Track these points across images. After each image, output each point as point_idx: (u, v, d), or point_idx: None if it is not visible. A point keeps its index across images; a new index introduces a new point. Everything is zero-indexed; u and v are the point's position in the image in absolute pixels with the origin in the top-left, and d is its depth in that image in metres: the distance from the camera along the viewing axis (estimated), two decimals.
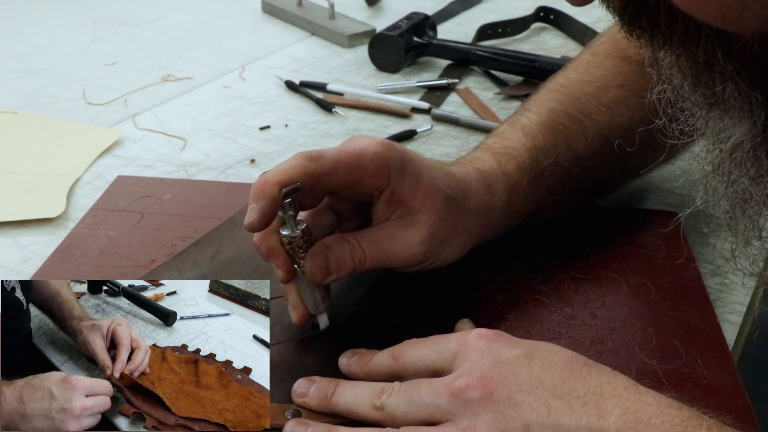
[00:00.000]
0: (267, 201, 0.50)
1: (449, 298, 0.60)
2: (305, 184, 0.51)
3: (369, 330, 0.57)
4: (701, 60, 0.37)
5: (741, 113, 0.39)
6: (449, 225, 0.56)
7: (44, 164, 0.82)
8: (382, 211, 0.55)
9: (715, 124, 0.42)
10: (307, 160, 0.51)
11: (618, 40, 0.70)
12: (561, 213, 0.67)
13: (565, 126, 0.65)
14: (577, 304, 0.59)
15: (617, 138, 0.65)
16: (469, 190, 0.59)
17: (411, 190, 0.54)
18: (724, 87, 0.38)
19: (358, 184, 0.53)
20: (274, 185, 0.50)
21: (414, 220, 0.54)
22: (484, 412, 0.44)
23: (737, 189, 0.44)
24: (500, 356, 0.46)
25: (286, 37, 1.19)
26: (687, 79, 0.40)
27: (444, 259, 0.57)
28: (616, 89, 0.67)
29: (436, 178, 0.56)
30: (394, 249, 0.54)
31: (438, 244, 0.55)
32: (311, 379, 0.51)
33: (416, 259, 0.55)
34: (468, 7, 1.29)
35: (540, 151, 0.63)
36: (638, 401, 0.43)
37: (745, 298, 0.62)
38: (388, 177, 0.54)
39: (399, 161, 0.54)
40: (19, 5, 1.31)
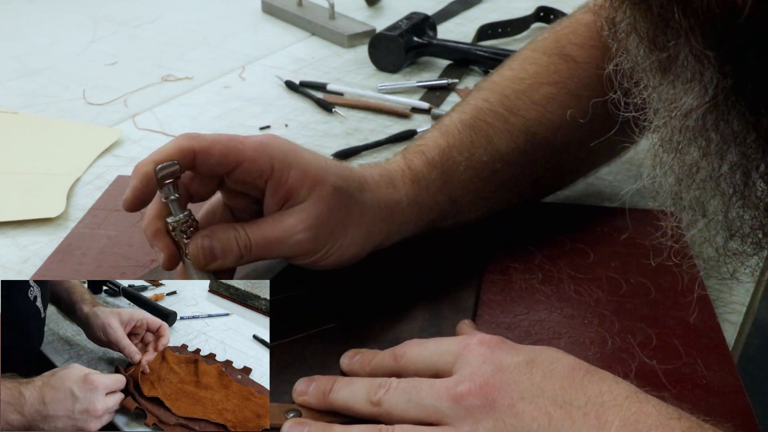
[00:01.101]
0: (139, 178, 0.51)
1: (449, 299, 0.60)
2: (182, 163, 0.51)
3: (369, 330, 0.56)
4: (656, 13, 0.37)
5: (693, 77, 0.39)
6: (340, 215, 0.55)
7: (44, 164, 0.82)
8: (271, 203, 0.54)
9: (667, 92, 0.42)
10: (183, 138, 0.52)
11: (560, 37, 0.69)
12: (494, 211, 0.65)
13: (488, 123, 0.64)
14: (577, 304, 0.59)
15: (547, 135, 0.65)
16: (367, 183, 0.58)
17: (297, 179, 0.54)
18: (678, 44, 0.38)
19: (239, 170, 0.53)
20: (147, 163, 0.51)
21: (300, 207, 0.54)
22: (485, 419, 0.44)
23: (684, 160, 0.43)
24: (502, 363, 0.46)
25: (286, 37, 1.19)
26: (643, 42, 0.40)
27: (341, 251, 0.56)
28: (548, 86, 0.66)
29: (326, 169, 0.55)
30: (278, 235, 0.53)
31: (327, 233, 0.55)
32: (312, 378, 0.51)
33: (303, 247, 0.54)
34: (468, 7, 1.29)
35: (453, 147, 0.62)
36: (639, 411, 0.43)
37: (745, 298, 0.62)
38: (270, 165, 0.53)
39: (281, 150, 0.54)
40: (19, 5, 1.31)
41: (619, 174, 0.79)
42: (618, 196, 0.74)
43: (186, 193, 0.54)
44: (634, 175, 0.79)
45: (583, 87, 0.66)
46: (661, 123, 0.44)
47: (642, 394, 0.44)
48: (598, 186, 0.77)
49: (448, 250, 0.64)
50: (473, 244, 0.65)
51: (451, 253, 0.64)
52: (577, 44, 0.67)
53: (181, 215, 0.52)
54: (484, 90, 0.67)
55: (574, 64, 0.66)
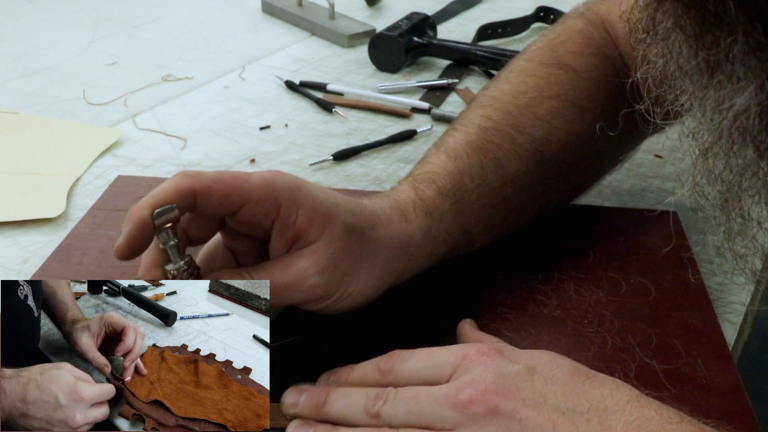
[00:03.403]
0: (135, 223, 0.46)
1: (449, 299, 0.60)
2: (181, 205, 0.47)
3: (369, 330, 0.56)
4: (710, 10, 0.35)
5: (746, 75, 0.37)
6: (354, 255, 0.51)
7: (44, 164, 0.82)
8: (278, 246, 0.50)
9: (714, 94, 0.40)
10: (181, 177, 0.47)
11: (555, 46, 0.67)
12: (500, 237, 0.63)
13: (496, 144, 0.61)
14: (577, 304, 0.59)
15: (555, 153, 0.63)
16: (379, 218, 0.54)
17: (306, 219, 0.49)
18: (733, 41, 0.36)
19: (244, 211, 0.49)
20: (144, 207, 0.46)
21: (311, 249, 0.50)
22: (489, 426, 0.43)
23: (738, 163, 0.42)
24: (503, 371, 0.45)
25: (286, 37, 1.19)
26: (689, 40, 0.38)
27: (355, 294, 0.52)
28: (551, 100, 0.63)
29: (336, 206, 0.51)
30: (288, 281, 0.49)
31: (341, 275, 0.51)
32: (300, 389, 0.49)
33: (317, 292, 0.50)
34: (468, 7, 1.30)
35: (464, 174, 0.59)
36: (641, 416, 0.42)
37: (745, 298, 0.62)
38: (276, 205, 0.49)
39: (287, 187, 0.49)
40: (19, 5, 1.31)
41: (619, 174, 0.79)
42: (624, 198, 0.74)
43: (184, 237, 0.50)
44: (634, 174, 0.79)
45: (586, 98, 0.64)
46: (705, 128, 0.42)
47: (643, 398, 0.44)
48: (598, 186, 0.77)
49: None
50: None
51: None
52: (575, 53, 0.65)
53: (181, 262, 0.48)
54: (484, 107, 0.64)
55: (574, 74, 0.64)
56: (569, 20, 0.69)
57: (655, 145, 0.82)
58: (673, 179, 0.78)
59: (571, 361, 0.46)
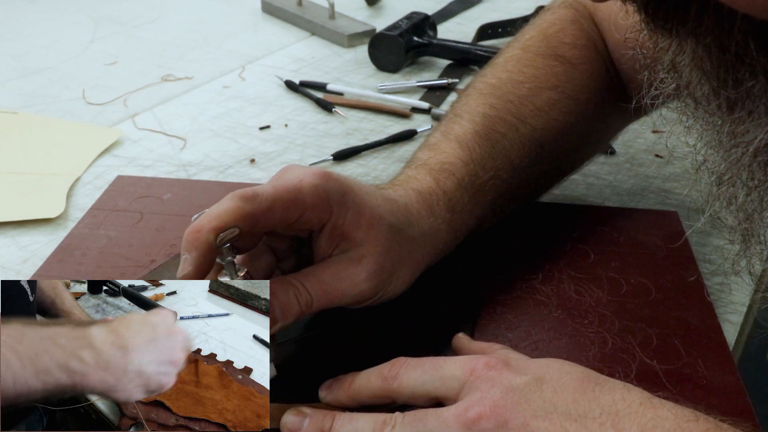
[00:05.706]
0: (202, 250, 0.46)
1: (449, 299, 0.60)
2: (243, 228, 0.47)
3: (370, 330, 0.56)
4: (732, 52, 0.35)
5: (767, 112, 0.37)
6: (396, 255, 0.53)
7: (44, 164, 0.82)
8: (325, 247, 0.51)
9: (733, 126, 0.40)
10: (242, 201, 0.48)
11: (549, 36, 0.68)
12: (496, 222, 0.65)
13: (502, 134, 0.62)
14: (577, 304, 0.59)
15: (552, 143, 0.64)
16: (412, 216, 0.56)
17: (353, 221, 0.51)
18: (755, 83, 0.36)
19: (298, 220, 0.50)
20: (209, 232, 0.47)
21: (359, 253, 0.51)
22: None
23: (759, 195, 0.42)
24: (511, 384, 0.44)
25: (286, 37, 1.19)
26: (709, 80, 0.38)
27: (393, 291, 0.54)
28: (549, 91, 0.65)
29: (379, 207, 0.52)
30: (341, 287, 0.50)
31: (386, 277, 0.52)
32: (301, 412, 0.48)
33: (365, 295, 0.52)
34: (468, 7, 1.29)
35: (478, 165, 0.60)
36: (655, 417, 0.42)
37: (746, 298, 0.62)
38: (329, 210, 0.50)
39: (339, 192, 0.51)
40: (19, 5, 1.31)
41: (619, 174, 0.79)
42: (624, 198, 0.74)
43: (235, 249, 0.51)
44: (634, 174, 0.79)
45: (581, 90, 0.66)
46: (720, 156, 0.42)
47: (656, 399, 0.43)
48: (598, 186, 0.77)
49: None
50: (473, 246, 0.65)
51: (451, 255, 0.64)
52: (569, 44, 0.67)
53: (239, 275, 0.50)
54: (485, 94, 0.65)
55: (569, 66, 0.66)
56: (560, 10, 0.71)
57: (656, 145, 0.82)
58: (674, 179, 0.78)
59: (580, 368, 0.46)
